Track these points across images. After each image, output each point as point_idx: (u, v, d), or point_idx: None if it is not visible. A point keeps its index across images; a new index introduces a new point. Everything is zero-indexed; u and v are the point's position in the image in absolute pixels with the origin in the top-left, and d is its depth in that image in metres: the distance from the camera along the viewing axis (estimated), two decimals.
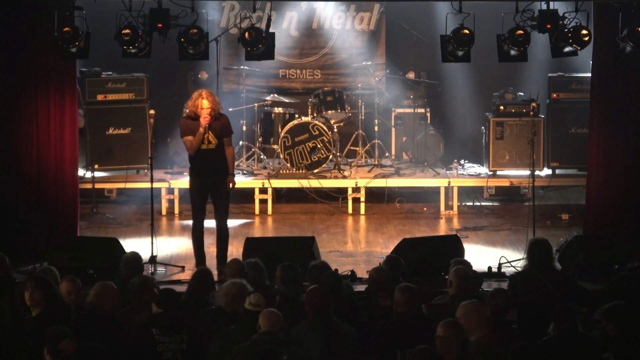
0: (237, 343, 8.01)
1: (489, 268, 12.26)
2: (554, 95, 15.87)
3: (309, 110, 16.05)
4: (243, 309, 8.39)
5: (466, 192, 15.86)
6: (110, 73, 15.83)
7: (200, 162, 12.23)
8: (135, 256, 10.34)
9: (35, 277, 8.93)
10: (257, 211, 15.36)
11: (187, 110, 12.24)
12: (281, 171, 15.49)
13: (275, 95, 16.28)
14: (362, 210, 15.38)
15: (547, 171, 15.85)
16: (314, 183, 15.33)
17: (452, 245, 12.19)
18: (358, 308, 9.22)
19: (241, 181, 15.36)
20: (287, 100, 16.34)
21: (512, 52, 12.52)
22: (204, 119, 12.09)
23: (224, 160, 12.27)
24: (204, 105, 12.11)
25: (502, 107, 15.75)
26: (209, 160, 12.20)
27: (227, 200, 12.36)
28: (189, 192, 12.49)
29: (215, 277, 11.69)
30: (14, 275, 10.16)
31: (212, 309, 9.05)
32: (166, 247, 13.34)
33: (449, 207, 15.51)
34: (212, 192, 12.29)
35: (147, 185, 13.37)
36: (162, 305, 8.46)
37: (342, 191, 15.48)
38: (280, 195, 15.79)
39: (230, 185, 12.29)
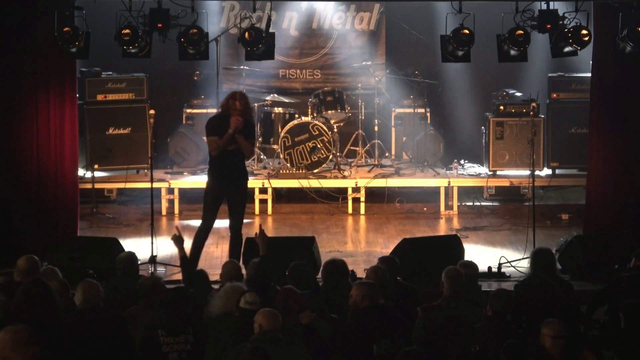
0: (233, 342, 7.99)
1: (489, 268, 12.26)
2: (554, 95, 15.86)
3: (309, 110, 16.04)
4: (238, 308, 8.36)
5: (466, 192, 15.85)
6: (110, 73, 15.83)
7: (221, 164, 11.86)
8: (130, 255, 10.20)
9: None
10: (257, 211, 15.36)
11: (219, 110, 12.06)
12: (281, 171, 15.48)
13: (275, 95, 16.27)
14: (362, 210, 15.38)
15: (547, 171, 15.84)
16: (314, 183, 15.32)
17: (452, 245, 12.18)
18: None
19: None
20: (287, 100, 16.33)
21: (512, 52, 12.53)
22: (235, 122, 11.72)
23: (244, 163, 12.05)
24: (237, 106, 11.77)
25: (502, 107, 15.74)
26: (231, 162, 11.86)
27: (245, 204, 12.09)
28: (204, 191, 12.06)
29: None
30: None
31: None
32: (166, 247, 13.30)
33: (449, 207, 15.50)
34: (229, 196, 11.97)
35: (147, 185, 13.38)
36: (171, 306, 8.42)
37: (342, 191, 15.47)
38: (280, 195, 15.78)
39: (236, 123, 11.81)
